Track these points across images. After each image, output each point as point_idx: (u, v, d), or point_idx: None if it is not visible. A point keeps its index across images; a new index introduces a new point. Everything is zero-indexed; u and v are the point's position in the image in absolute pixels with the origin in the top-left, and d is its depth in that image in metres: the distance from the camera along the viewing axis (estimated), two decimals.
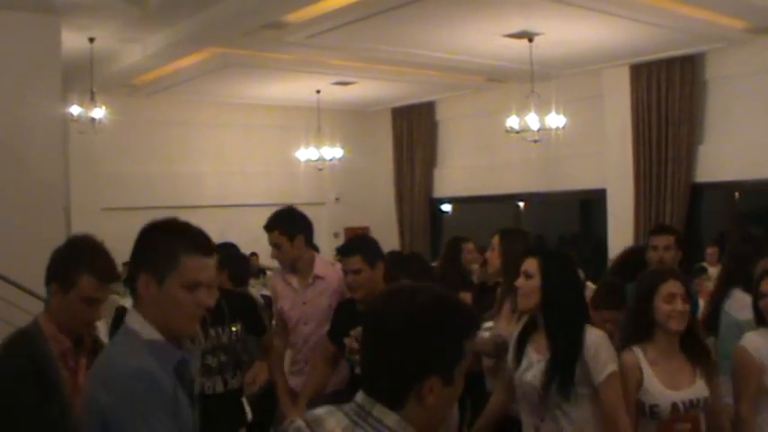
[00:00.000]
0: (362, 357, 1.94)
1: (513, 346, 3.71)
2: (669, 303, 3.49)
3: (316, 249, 5.31)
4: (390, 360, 1.81)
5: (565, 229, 15.77)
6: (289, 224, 5.00)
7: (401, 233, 16.50)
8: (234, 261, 5.50)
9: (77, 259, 2.92)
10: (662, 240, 5.26)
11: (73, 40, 9.51)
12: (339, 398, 2.08)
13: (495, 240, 4.84)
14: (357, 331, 4.19)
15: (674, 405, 3.42)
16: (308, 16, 9.10)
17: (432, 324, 1.81)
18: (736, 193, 12.14)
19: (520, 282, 3.62)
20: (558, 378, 3.39)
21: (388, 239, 11.37)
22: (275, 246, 4.94)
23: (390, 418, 1.79)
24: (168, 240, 2.41)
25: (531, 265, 3.59)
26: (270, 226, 4.96)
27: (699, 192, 11.87)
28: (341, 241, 15.99)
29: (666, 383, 3.45)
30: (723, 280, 5.06)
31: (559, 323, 3.49)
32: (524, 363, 3.60)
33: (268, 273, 10.31)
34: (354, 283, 4.40)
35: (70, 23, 8.80)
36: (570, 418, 3.41)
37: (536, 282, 3.55)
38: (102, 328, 10.36)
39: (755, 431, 3.73)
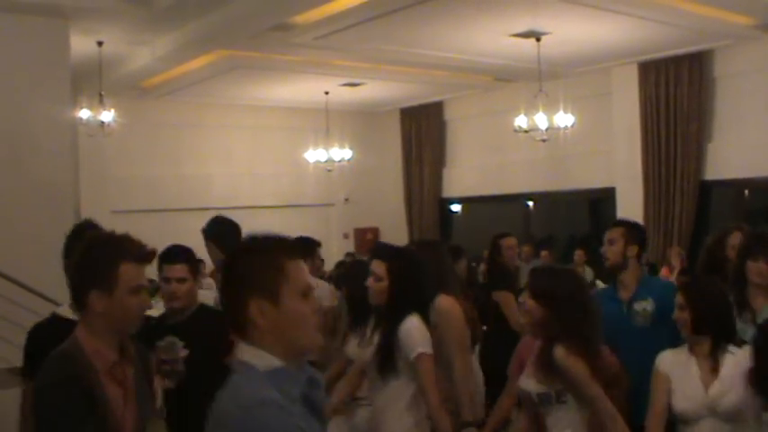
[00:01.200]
0: None
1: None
2: None
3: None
4: None
5: (574, 228, 15.76)
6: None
7: (410, 233, 16.49)
8: None
9: (107, 253, 2.68)
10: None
11: (81, 44, 9.55)
12: None
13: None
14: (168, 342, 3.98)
15: None
16: (315, 18, 9.12)
17: None
18: (746, 191, 12.11)
19: (370, 282, 4.11)
20: (378, 358, 4.01)
21: (398, 240, 11.35)
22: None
23: None
24: (269, 253, 2.20)
25: (379, 267, 4.08)
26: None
27: (708, 189, 11.84)
28: (351, 242, 16.03)
29: None
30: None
31: (391, 314, 4.04)
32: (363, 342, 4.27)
33: None
34: (178, 292, 4.04)
35: (79, 27, 8.84)
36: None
37: (384, 284, 4.06)
38: None
39: None
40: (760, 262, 4.15)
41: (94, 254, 2.68)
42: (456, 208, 16.62)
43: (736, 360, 3.59)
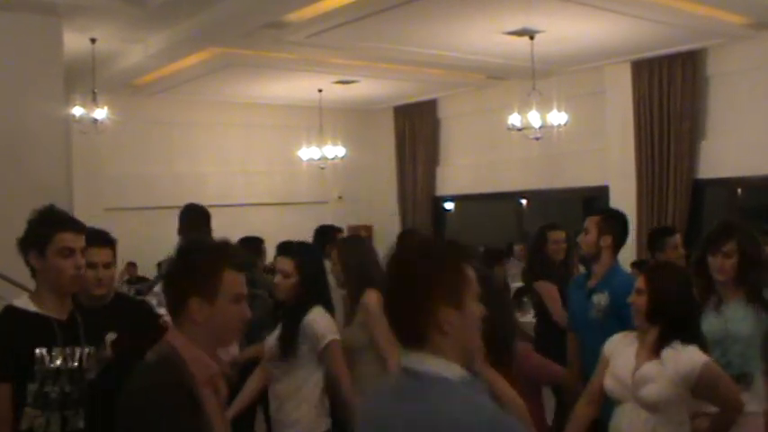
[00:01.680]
0: None
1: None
2: None
3: None
4: None
5: (567, 226, 15.75)
6: None
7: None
8: None
9: (212, 261, 2.57)
10: None
11: (74, 41, 9.52)
12: None
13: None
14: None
15: None
16: (308, 15, 9.11)
17: None
18: (739, 190, 12.14)
19: (278, 279, 4.35)
20: (282, 348, 4.23)
21: (391, 238, 11.35)
22: None
23: None
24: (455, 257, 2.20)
25: (286, 264, 4.31)
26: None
27: (701, 188, 11.85)
28: None
29: None
30: None
31: (297, 308, 4.27)
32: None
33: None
34: (106, 277, 3.94)
35: (72, 24, 8.81)
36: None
37: (293, 280, 4.28)
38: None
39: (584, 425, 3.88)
40: (718, 257, 4.09)
41: (196, 260, 2.57)
42: (449, 206, 16.64)
43: (676, 356, 3.53)
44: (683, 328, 3.59)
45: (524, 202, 15.28)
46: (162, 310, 3.79)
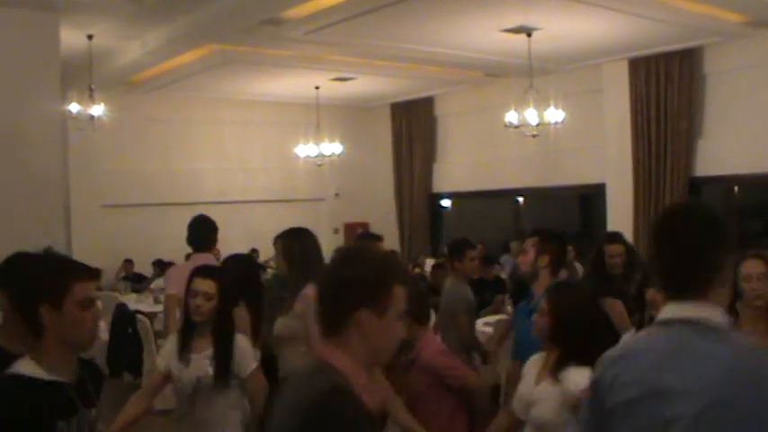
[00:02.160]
0: None
1: (176, 342, 4.34)
2: None
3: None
4: None
5: (564, 223, 15.79)
6: None
7: (401, 228, 16.53)
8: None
9: (386, 274, 2.44)
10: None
11: (71, 38, 9.51)
12: None
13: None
14: None
15: None
16: (306, 12, 9.10)
17: None
18: (735, 187, 12.15)
19: (200, 301, 4.24)
20: (218, 373, 4.15)
21: (388, 235, 11.37)
22: None
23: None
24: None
25: (209, 286, 4.23)
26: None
27: (698, 186, 11.88)
28: (341, 237, 16.04)
29: None
30: None
31: (223, 331, 4.24)
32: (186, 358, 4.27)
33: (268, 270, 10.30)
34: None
35: (69, 21, 8.80)
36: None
37: (214, 303, 4.22)
38: (102, 327, 10.38)
39: None
40: (651, 290, 4.08)
41: (368, 272, 2.39)
42: (446, 203, 16.64)
43: (567, 378, 3.50)
44: (582, 350, 3.47)
45: (521, 199, 15.27)
46: (159, 307, 3.77)
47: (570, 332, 3.57)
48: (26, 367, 2.73)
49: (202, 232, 6.21)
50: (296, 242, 5.03)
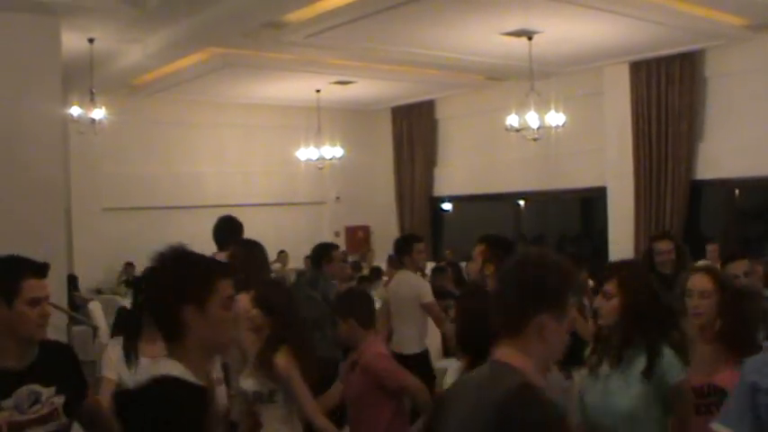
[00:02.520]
0: None
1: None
2: None
3: None
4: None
5: (565, 227, 15.79)
6: None
7: (401, 232, 16.47)
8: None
9: (566, 281, 2.43)
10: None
11: (72, 41, 9.52)
12: None
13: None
14: None
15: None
16: (307, 16, 9.11)
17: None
18: (736, 191, 12.14)
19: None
20: None
21: (389, 238, 11.36)
22: None
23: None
24: None
25: None
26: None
27: (699, 189, 11.87)
28: (342, 240, 16.04)
29: None
30: None
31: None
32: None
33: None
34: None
35: (70, 24, 8.79)
36: None
37: None
38: (102, 328, 10.40)
39: None
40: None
41: (547, 278, 2.35)
42: (447, 206, 16.64)
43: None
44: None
45: (522, 202, 15.26)
46: None
47: (476, 339, 3.33)
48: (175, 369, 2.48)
49: (223, 231, 6.25)
50: (244, 252, 5.10)
